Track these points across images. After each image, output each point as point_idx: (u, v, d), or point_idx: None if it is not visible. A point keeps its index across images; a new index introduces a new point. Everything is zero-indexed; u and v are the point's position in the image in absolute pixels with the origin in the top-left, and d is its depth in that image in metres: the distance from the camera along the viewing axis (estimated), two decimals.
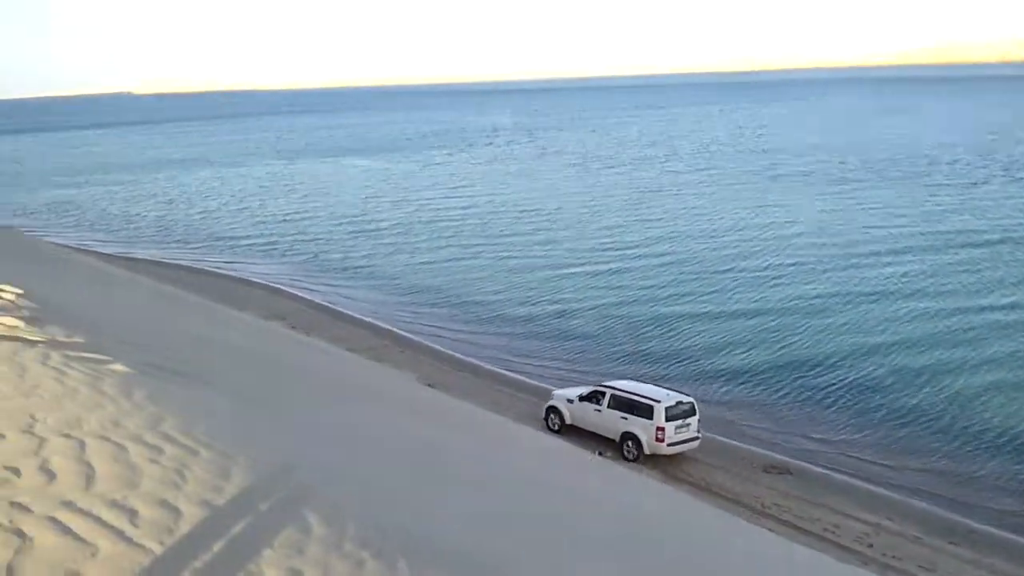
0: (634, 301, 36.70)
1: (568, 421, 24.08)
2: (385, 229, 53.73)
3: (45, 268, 23.55)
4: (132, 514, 5.74)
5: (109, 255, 45.65)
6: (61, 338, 10.96)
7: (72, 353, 10.19)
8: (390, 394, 20.26)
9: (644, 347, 31.66)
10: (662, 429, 22.03)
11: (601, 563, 8.65)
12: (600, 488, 14.20)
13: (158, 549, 5.34)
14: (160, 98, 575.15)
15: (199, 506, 6.11)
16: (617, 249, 46.27)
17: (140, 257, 46.83)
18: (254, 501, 6.51)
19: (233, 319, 28.48)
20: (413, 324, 35.29)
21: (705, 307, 35.51)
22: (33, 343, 10.38)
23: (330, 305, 37.78)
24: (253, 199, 68.48)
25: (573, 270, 42.00)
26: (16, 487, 5.98)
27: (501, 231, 51.79)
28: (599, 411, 23.31)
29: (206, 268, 44.39)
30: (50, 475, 6.25)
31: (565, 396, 24.37)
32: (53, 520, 5.52)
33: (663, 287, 38.47)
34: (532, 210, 58.73)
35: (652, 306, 35.91)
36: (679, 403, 22.84)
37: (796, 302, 35.61)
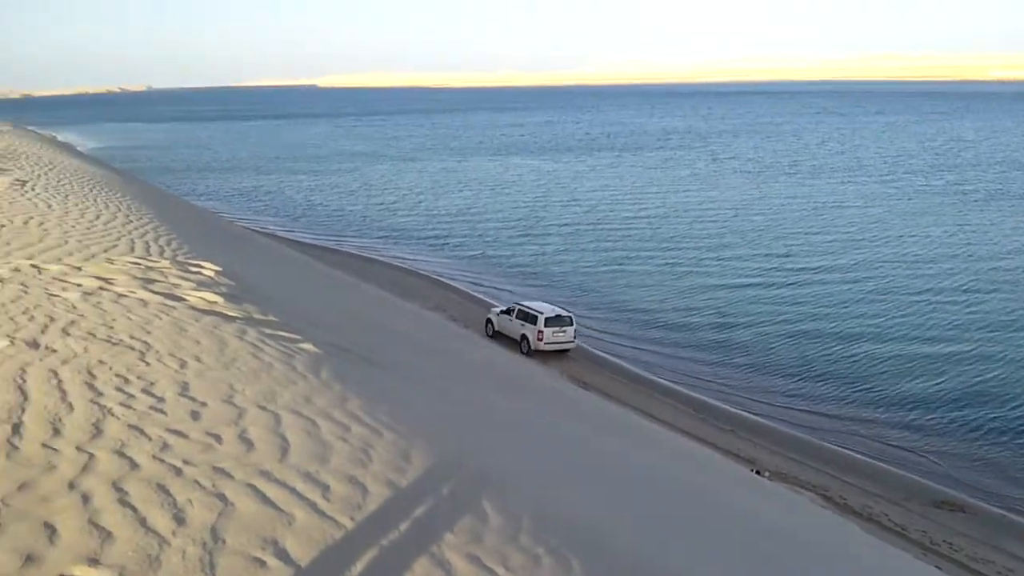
0: (807, 318, 35.01)
1: (496, 328, 31.40)
2: (552, 229, 53.93)
3: (238, 249, 25.15)
4: (324, 488, 5.98)
5: (292, 240, 48.26)
6: (256, 315, 11.64)
7: (267, 330, 10.80)
8: (545, 391, 20.38)
9: (812, 365, 30.27)
10: (541, 332, 29.57)
11: None
12: (764, 508, 13.70)
13: (348, 524, 5.54)
14: (342, 91, 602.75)
15: (384, 485, 6.30)
16: (793, 263, 44.24)
17: (319, 244, 49.16)
18: (434, 484, 6.66)
19: (399, 307, 29.50)
20: None
21: (888, 328, 33.34)
22: (231, 318, 11.07)
23: (488, 300, 38.35)
24: (427, 194, 70.50)
25: (744, 281, 40.54)
26: (218, 453, 6.36)
27: (670, 237, 50.75)
28: (511, 320, 30.74)
29: (377, 258, 46.11)
30: (248, 444, 6.61)
31: (495, 311, 32.16)
32: (252, 487, 5.83)
33: (839, 305, 36.26)
34: (703, 217, 57.19)
35: (826, 324, 34.15)
36: (558, 316, 30.13)
37: (991, 331, 32.96)
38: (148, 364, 8.31)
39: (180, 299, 11.58)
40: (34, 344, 8.52)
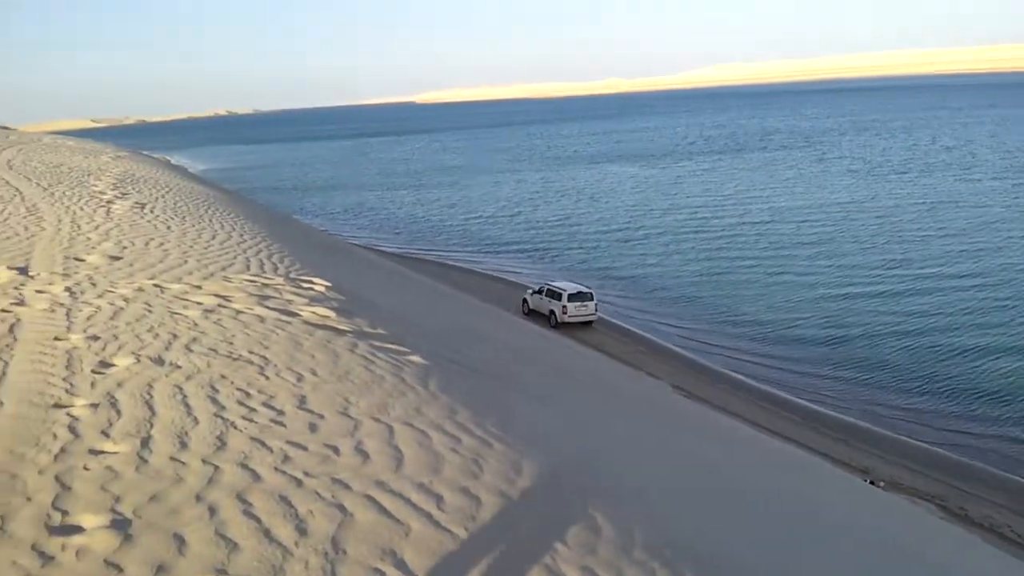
0: (923, 325, 33.31)
1: (531, 307, 35.11)
2: (653, 237, 53.24)
3: (345, 264, 25.81)
4: (438, 499, 6.07)
5: (394, 253, 49.21)
6: (366, 328, 11.92)
7: (376, 343, 11.05)
8: (652, 402, 20.14)
9: (927, 373, 28.86)
10: (565, 307, 33.41)
11: None
12: (880, 520, 13.18)
13: (463, 535, 5.60)
14: (439, 107, 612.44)
15: (496, 496, 6.34)
16: (908, 267, 42.25)
17: (421, 256, 49.96)
18: (545, 496, 6.67)
19: (500, 317, 29.70)
20: (672, 334, 34.66)
21: (1010, 338, 31.37)
22: (343, 332, 11.37)
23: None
24: (526, 204, 70.76)
25: (856, 287, 38.96)
26: (336, 464, 6.53)
27: (775, 243, 49.30)
28: (542, 298, 34.59)
29: (478, 269, 46.51)
30: (364, 455, 6.77)
31: (529, 292, 35.85)
32: (369, 498, 5.96)
33: (958, 313, 34.10)
34: (811, 220, 55.34)
35: (943, 331, 32.43)
36: (580, 292, 33.91)
37: None
38: (267, 378, 8.61)
39: (294, 314, 11.95)
40: (159, 361, 8.93)
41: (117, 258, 15.34)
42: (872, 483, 20.19)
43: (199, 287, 13.19)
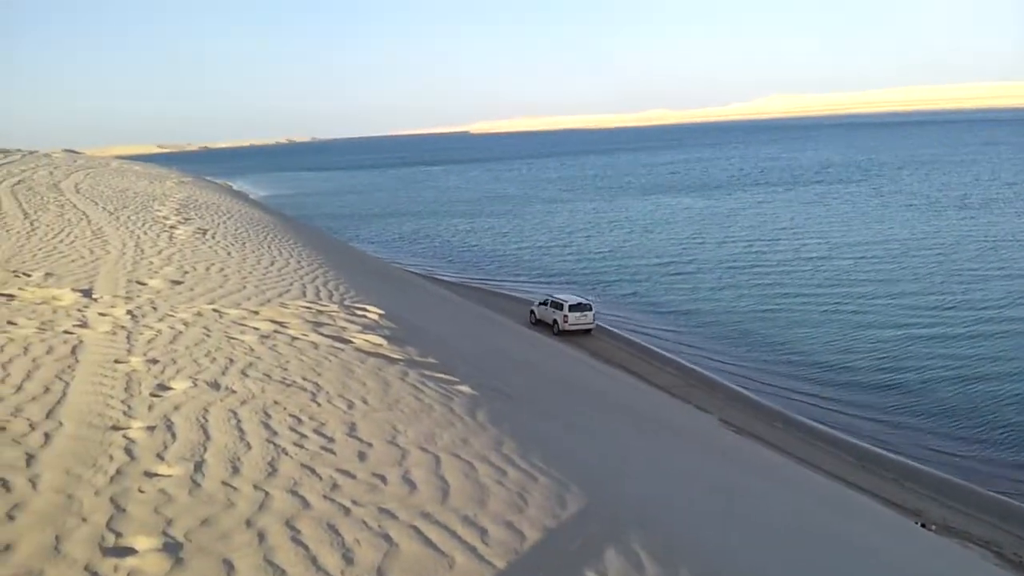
0: (983, 365, 32.42)
1: (538, 317, 39.19)
2: (706, 270, 52.80)
3: (398, 291, 26.09)
4: (483, 532, 6.09)
5: (448, 281, 49.58)
6: (417, 357, 12.04)
7: (426, 372, 11.15)
8: (699, 435, 19.91)
9: (984, 414, 28.04)
10: (567, 316, 37.34)
11: None
12: (932, 565, 12.82)
13: (506, 569, 5.60)
14: (493, 137, 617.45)
15: (540, 531, 6.34)
16: (967, 304, 41.13)
17: (473, 284, 50.24)
18: (589, 531, 6.64)
19: (548, 346, 29.70)
20: (723, 368, 34.27)
21: None
22: (394, 360, 11.50)
23: (637, 340, 37.95)
24: (578, 234, 70.85)
25: (913, 324, 38.05)
26: (383, 494, 6.60)
27: (832, 279, 48.47)
28: (546, 309, 38.70)
29: (528, 298, 46.60)
30: (412, 486, 6.83)
31: (536, 304, 40.04)
32: (415, 529, 6.01)
33: (1020, 360, 33.30)
34: (869, 256, 54.35)
35: (1004, 372, 31.60)
36: (580, 303, 37.96)
37: None
38: (319, 405, 8.74)
39: (347, 341, 12.13)
40: (215, 385, 9.13)
41: (178, 282, 15.73)
42: (923, 526, 19.68)
43: (256, 312, 13.46)
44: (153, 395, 8.66)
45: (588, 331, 37.85)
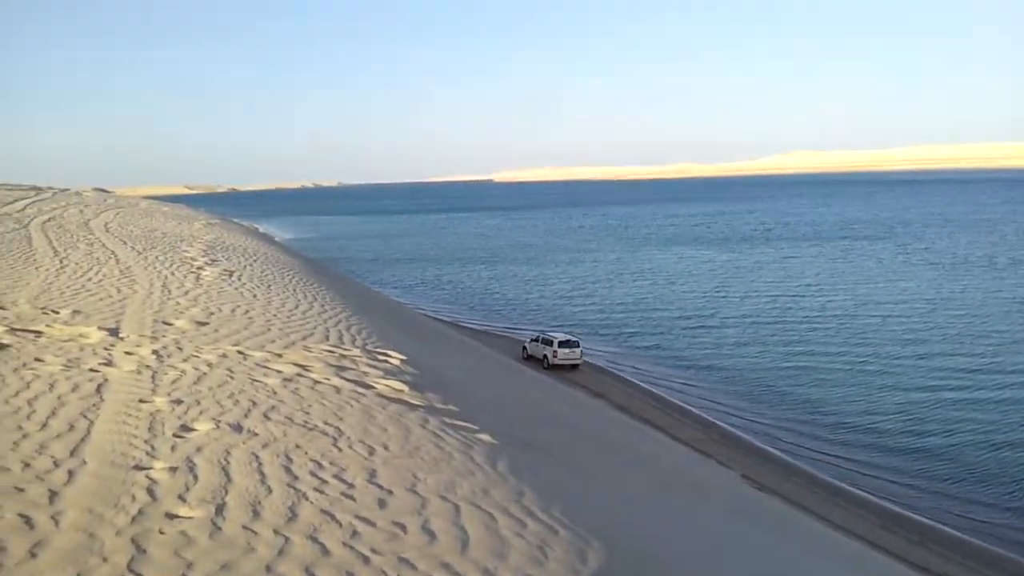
0: (1011, 427, 31.87)
1: (529, 352, 40.56)
2: (730, 322, 52.40)
3: (420, 337, 26.13)
4: None
5: (469, 328, 49.55)
6: (438, 404, 12.02)
7: (447, 419, 11.12)
8: (719, 491, 19.63)
9: (1016, 476, 27.46)
10: (556, 352, 38.74)
11: None
12: None
13: None
14: (516, 185, 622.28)
15: None
16: (996, 370, 40.28)
17: (494, 331, 50.16)
18: None
19: (565, 394, 29.51)
20: (746, 423, 33.77)
21: None
22: (415, 407, 11.49)
23: (659, 392, 37.58)
24: (601, 284, 70.79)
25: (939, 390, 37.16)
26: (403, 543, 6.55)
27: (857, 336, 47.82)
28: (537, 345, 40.16)
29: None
30: (431, 535, 6.77)
31: (528, 340, 41.66)
32: None
33: None
34: (895, 315, 53.63)
35: None
36: (568, 340, 39.58)
37: None
38: (340, 450, 8.73)
39: (369, 387, 12.14)
40: (238, 427, 9.15)
41: (204, 323, 15.86)
42: None
43: (280, 355, 13.52)
44: (176, 435, 8.69)
45: (575, 366, 39.17)
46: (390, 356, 15.16)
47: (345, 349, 15.05)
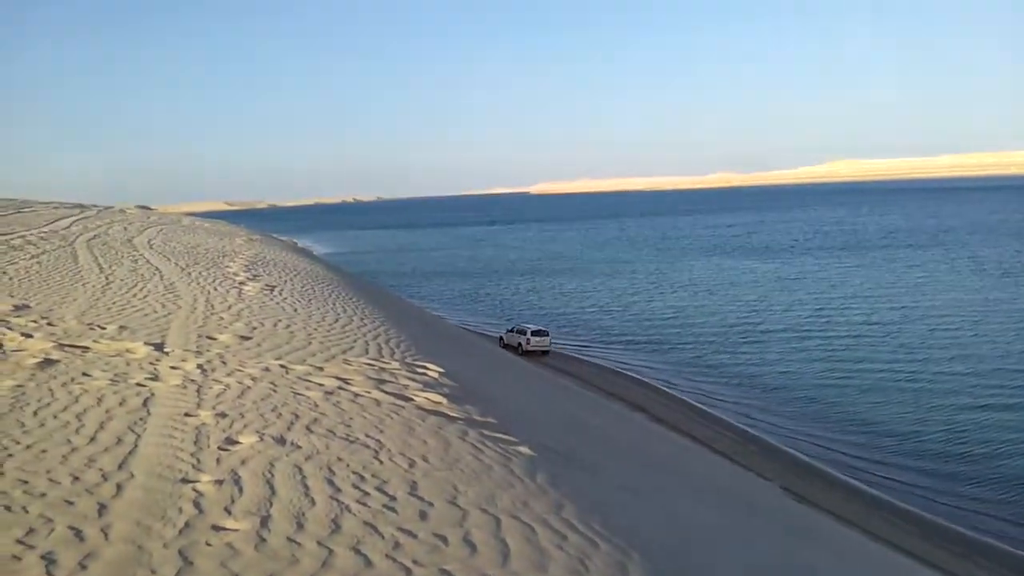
0: None
1: (506, 342, 46.28)
2: (773, 334, 51.77)
3: (458, 349, 26.24)
4: None
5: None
6: (476, 416, 12.07)
7: (486, 431, 11.16)
8: (760, 504, 19.40)
9: None
10: (528, 340, 45.19)
11: None
12: None
13: None
14: (553, 198, 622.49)
15: None
16: None
17: None
18: None
19: (603, 407, 29.39)
20: (786, 435, 33.35)
21: None
22: (454, 419, 11.54)
23: (696, 404, 37.27)
24: (640, 296, 70.47)
25: (988, 401, 36.36)
26: (444, 555, 6.59)
27: (903, 346, 46.87)
28: (512, 335, 46.46)
29: (585, 358, 46.32)
30: (472, 547, 6.81)
31: (504, 331, 48.28)
32: None
33: None
34: (941, 325, 52.42)
35: None
36: (539, 330, 46.48)
37: None
38: (381, 462, 8.81)
39: (409, 399, 12.23)
40: (281, 440, 9.28)
41: (247, 338, 16.09)
42: None
43: (321, 368, 13.68)
44: (221, 448, 8.83)
45: (545, 352, 45.49)
46: (428, 368, 15.25)
47: (384, 362, 15.17)
